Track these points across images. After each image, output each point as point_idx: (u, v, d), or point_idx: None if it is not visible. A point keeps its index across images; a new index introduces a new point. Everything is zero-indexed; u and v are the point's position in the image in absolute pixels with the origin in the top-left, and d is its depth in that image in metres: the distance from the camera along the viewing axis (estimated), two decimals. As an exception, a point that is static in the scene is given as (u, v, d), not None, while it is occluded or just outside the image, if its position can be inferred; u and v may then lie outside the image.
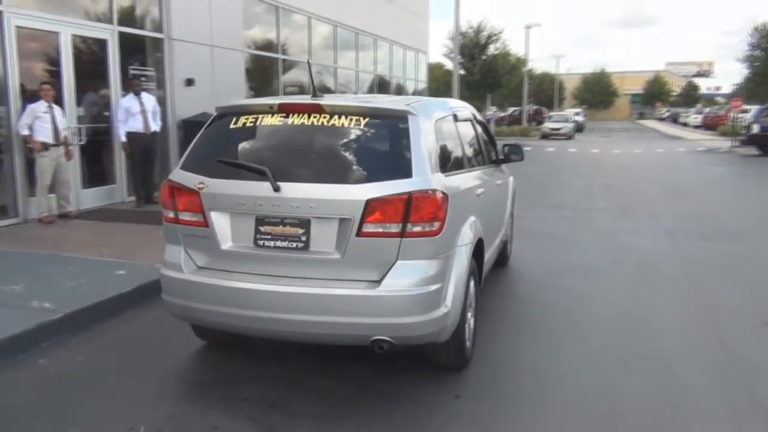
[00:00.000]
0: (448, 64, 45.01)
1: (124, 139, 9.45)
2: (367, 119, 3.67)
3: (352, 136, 3.67)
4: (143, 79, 10.23)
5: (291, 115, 3.76)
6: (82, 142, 9.11)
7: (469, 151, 4.79)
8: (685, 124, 54.45)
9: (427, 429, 3.47)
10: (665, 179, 16.06)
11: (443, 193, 3.56)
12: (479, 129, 5.40)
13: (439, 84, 42.99)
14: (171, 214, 3.85)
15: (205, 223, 3.69)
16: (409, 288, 3.45)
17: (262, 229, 3.60)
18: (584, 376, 4.13)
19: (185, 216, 3.77)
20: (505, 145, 6.06)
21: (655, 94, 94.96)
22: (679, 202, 11.87)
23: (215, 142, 3.93)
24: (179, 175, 3.83)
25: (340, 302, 3.44)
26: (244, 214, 3.63)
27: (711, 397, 3.84)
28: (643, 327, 5.06)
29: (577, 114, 48.41)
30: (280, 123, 3.77)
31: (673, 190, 13.76)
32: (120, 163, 9.94)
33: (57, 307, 4.91)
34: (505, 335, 4.84)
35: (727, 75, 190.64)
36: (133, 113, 9.36)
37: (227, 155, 3.78)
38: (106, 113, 9.81)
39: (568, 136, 37.21)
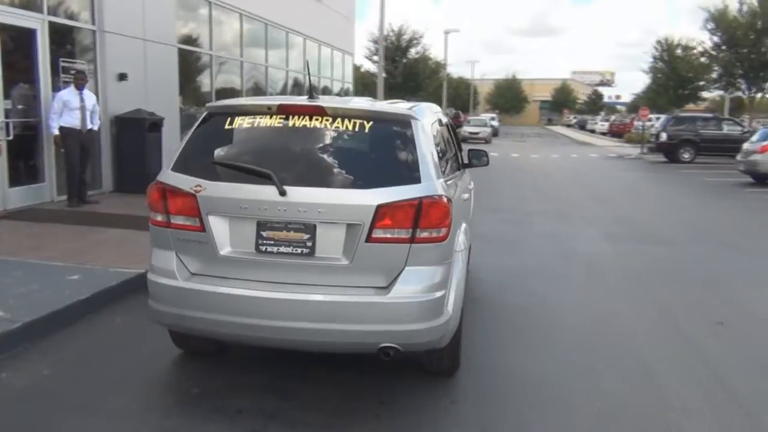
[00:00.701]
0: (368, 65, 45.23)
1: (56, 131, 8.85)
2: (371, 123, 3.61)
3: (357, 140, 3.60)
4: (73, 72, 9.63)
5: (291, 116, 3.64)
6: (9, 138, 8.49)
7: (452, 156, 4.82)
8: (592, 131, 57.07)
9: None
10: (588, 184, 16.78)
11: (448, 198, 3.56)
12: (452, 133, 5.45)
13: (357, 85, 43.05)
14: (161, 218, 3.64)
15: (202, 228, 3.51)
16: (418, 294, 3.42)
17: (264, 234, 3.47)
18: (569, 378, 4.22)
19: (178, 220, 3.57)
20: (469, 150, 6.14)
21: (562, 101, 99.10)
22: (606, 207, 12.42)
23: (209, 143, 3.75)
24: (171, 177, 3.63)
25: (349, 309, 3.37)
26: (244, 219, 3.49)
27: (690, 394, 4.02)
28: (610, 328, 5.25)
29: (492, 119, 49.77)
30: (280, 125, 3.65)
31: (597, 195, 14.39)
32: (50, 160, 9.34)
33: (12, 315, 4.55)
34: (483, 340, 4.88)
35: (626, 85, 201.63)
36: (72, 108, 8.79)
37: (224, 157, 3.62)
38: (21, 106, 9.09)
39: (486, 140, 38.23)
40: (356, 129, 3.58)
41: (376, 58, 41.12)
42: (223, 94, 15.23)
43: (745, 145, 17.31)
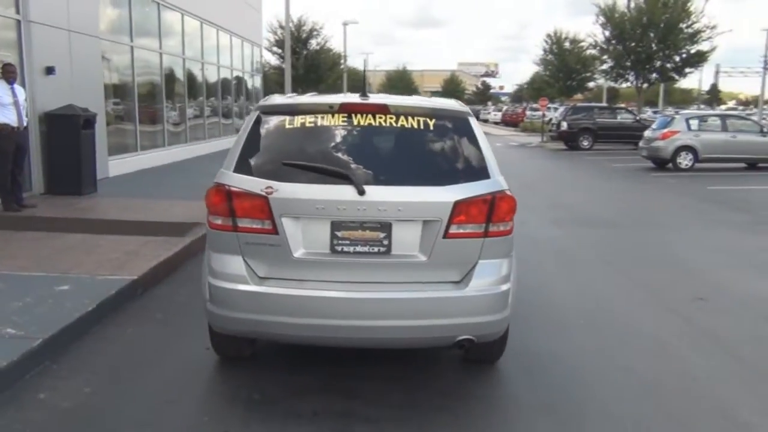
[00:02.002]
0: (266, 56, 44.36)
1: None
2: (433, 120, 3.66)
3: (423, 138, 3.64)
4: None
5: (354, 115, 3.63)
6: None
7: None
8: (485, 121, 59.10)
9: (499, 420, 3.62)
10: (507, 172, 17.15)
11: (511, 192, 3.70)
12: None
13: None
14: (222, 221, 3.52)
15: (275, 230, 3.43)
16: (492, 287, 3.55)
17: (339, 234, 3.45)
18: (594, 356, 4.49)
19: (246, 223, 3.47)
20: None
21: (452, 92, 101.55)
22: (537, 193, 13.04)
23: (270, 143, 3.66)
24: (234, 179, 3.52)
25: (429, 305, 3.44)
26: (318, 219, 3.45)
27: (705, 363, 4.40)
28: (606, 307, 5.60)
29: (391, 110, 50.27)
30: (344, 123, 3.62)
31: (523, 182, 14.93)
32: (-21, 162, 8.58)
33: (26, 332, 4.23)
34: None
35: (508, 76, 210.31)
36: (5, 104, 8.05)
37: (292, 157, 3.54)
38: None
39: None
40: (421, 126, 3.63)
41: (276, 49, 40.63)
42: (145, 86, 14.59)
43: (647, 133, 18.64)
